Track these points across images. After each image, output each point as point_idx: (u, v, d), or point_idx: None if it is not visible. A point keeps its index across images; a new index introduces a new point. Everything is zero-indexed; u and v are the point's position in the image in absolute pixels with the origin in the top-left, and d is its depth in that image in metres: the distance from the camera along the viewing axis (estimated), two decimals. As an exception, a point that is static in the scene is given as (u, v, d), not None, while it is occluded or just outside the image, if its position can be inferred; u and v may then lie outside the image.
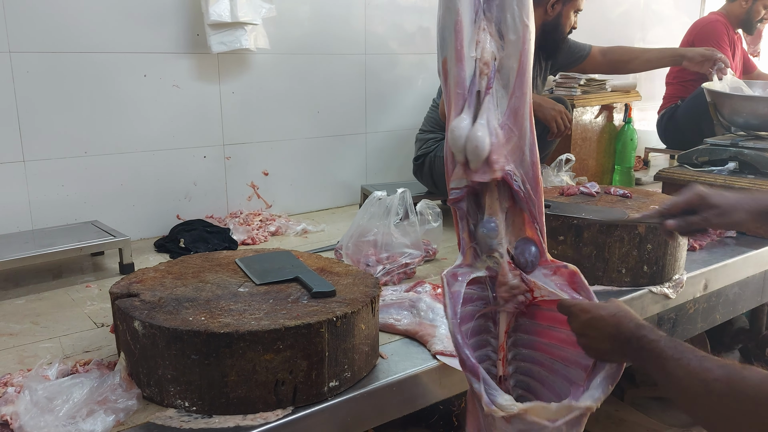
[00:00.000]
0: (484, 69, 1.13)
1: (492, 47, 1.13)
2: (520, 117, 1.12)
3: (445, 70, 1.16)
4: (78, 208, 2.21)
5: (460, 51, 1.11)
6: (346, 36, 2.78)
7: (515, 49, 1.11)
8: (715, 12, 3.81)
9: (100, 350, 1.45)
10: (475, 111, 1.13)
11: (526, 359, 1.21)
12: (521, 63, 1.11)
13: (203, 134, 2.46)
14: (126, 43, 2.22)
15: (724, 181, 2.41)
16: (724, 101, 2.56)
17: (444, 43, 1.15)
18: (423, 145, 2.59)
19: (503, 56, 1.13)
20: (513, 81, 1.12)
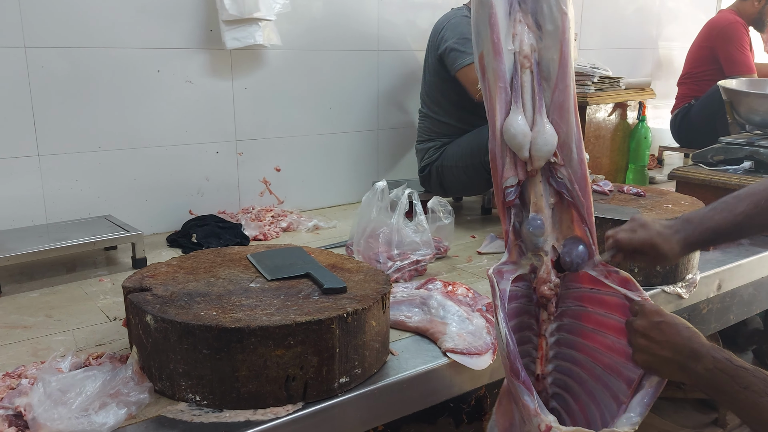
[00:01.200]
0: (524, 62, 1.09)
1: (530, 39, 1.09)
2: (565, 111, 1.08)
3: (482, 65, 1.12)
4: (91, 203, 2.23)
5: (497, 44, 1.07)
6: (359, 32, 2.77)
7: (554, 39, 1.07)
8: (726, 10, 3.77)
9: (112, 344, 1.46)
10: (523, 106, 1.10)
11: (567, 359, 1.18)
12: (562, 54, 1.06)
13: (216, 130, 2.47)
14: (140, 39, 2.23)
15: (739, 180, 2.38)
16: (741, 99, 2.53)
17: (479, 38, 1.12)
18: (425, 156, 2.59)
19: (542, 48, 1.08)
20: (555, 73, 1.07)
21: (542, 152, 1.09)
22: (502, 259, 1.19)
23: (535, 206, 1.14)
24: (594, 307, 1.15)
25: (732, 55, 3.58)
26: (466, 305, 1.52)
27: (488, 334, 1.42)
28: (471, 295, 1.61)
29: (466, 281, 1.83)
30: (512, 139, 1.09)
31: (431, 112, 2.55)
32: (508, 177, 1.13)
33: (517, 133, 1.08)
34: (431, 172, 2.55)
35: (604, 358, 1.13)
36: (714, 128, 3.16)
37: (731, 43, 3.57)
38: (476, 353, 1.36)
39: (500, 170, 1.14)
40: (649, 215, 1.85)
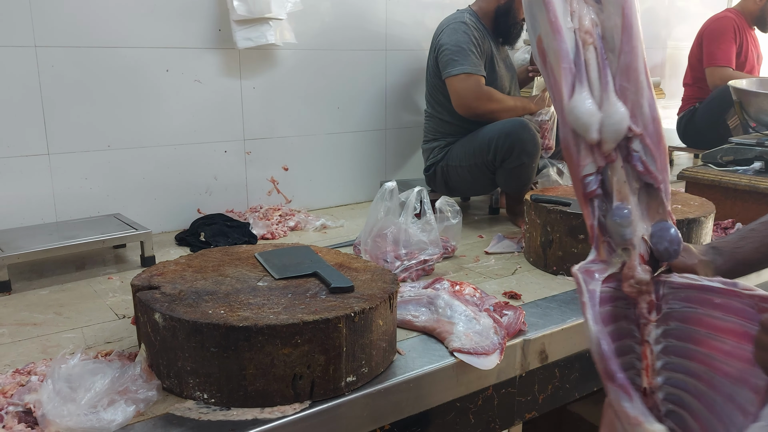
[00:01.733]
0: (587, 39, 1.02)
1: (590, 13, 1.02)
2: (633, 72, 1.01)
3: (541, 49, 1.05)
4: (101, 201, 2.24)
5: (555, 22, 1.00)
6: (368, 31, 2.77)
7: (616, 4, 1.01)
8: (729, 8, 3.75)
9: (121, 341, 1.47)
10: (588, 85, 1.02)
11: (678, 370, 1.04)
12: (625, 17, 1.00)
13: (224, 129, 2.48)
14: (149, 39, 2.25)
15: (749, 181, 2.37)
16: (751, 100, 2.52)
17: (534, 21, 1.05)
18: (430, 155, 2.59)
19: (603, 18, 1.02)
20: (619, 39, 1.01)
21: (612, 133, 1.00)
22: (588, 257, 1.06)
23: (619, 194, 1.03)
24: (706, 308, 1.01)
25: (711, 48, 3.56)
26: (473, 305, 1.52)
27: (495, 334, 1.42)
28: (478, 294, 1.61)
29: (474, 281, 1.83)
30: (577, 121, 1.01)
31: (435, 113, 2.56)
32: (586, 164, 1.02)
33: (582, 114, 1.00)
34: (436, 172, 2.55)
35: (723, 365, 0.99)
36: (718, 131, 3.15)
37: (711, 36, 3.55)
38: (483, 353, 1.36)
39: (575, 159, 1.03)
40: (657, 216, 1.84)
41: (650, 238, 1.02)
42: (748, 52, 3.63)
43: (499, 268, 1.98)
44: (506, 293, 1.75)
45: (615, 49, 1.01)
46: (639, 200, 1.04)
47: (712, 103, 3.33)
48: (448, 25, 2.45)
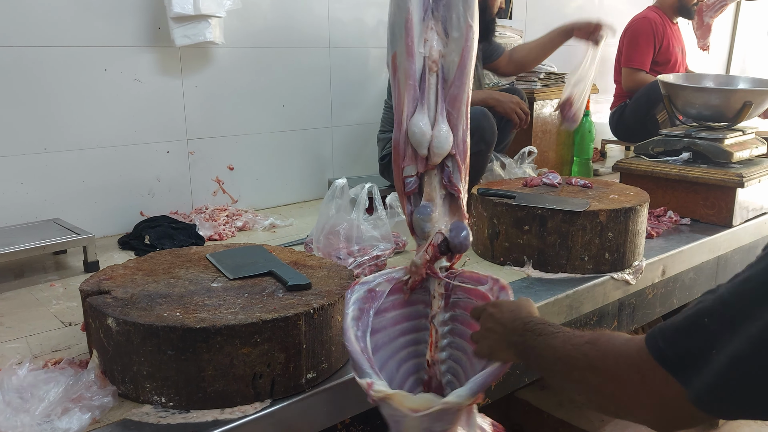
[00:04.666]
0: (432, 66, 1.22)
1: (439, 45, 1.22)
2: (458, 102, 1.23)
3: (394, 64, 1.23)
4: (38, 206, 2.16)
5: (411, 47, 1.20)
6: (310, 29, 2.77)
7: (458, 45, 1.21)
8: (649, 7, 3.89)
9: (69, 349, 1.42)
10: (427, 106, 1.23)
11: (458, 348, 1.25)
12: (463, 58, 1.21)
13: (166, 129, 2.43)
14: (85, 37, 2.17)
15: (678, 171, 2.50)
16: (678, 93, 2.65)
17: (394, 38, 1.22)
18: (386, 145, 2.62)
19: (446, 52, 1.22)
20: (454, 73, 1.22)
21: (439, 150, 1.22)
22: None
23: (427, 196, 1.25)
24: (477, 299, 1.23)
25: (627, 48, 3.72)
26: (427, 297, 1.55)
27: (449, 324, 1.45)
28: (431, 287, 1.64)
29: (425, 274, 1.86)
30: (413, 137, 1.21)
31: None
32: (408, 166, 1.24)
33: (418, 132, 1.20)
34: (390, 161, 2.58)
35: None
36: (647, 126, 3.31)
37: (627, 37, 3.72)
38: (439, 344, 1.39)
39: (401, 161, 1.25)
40: (596, 205, 1.93)
41: (448, 232, 1.24)
42: (672, 48, 3.79)
43: (448, 261, 2.02)
44: (457, 285, 1.79)
45: (448, 81, 1.23)
46: (443, 203, 1.27)
47: (641, 100, 3.49)
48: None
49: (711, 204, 2.46)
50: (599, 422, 2.61)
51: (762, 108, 2.56)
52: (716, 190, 2.43)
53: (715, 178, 2.42)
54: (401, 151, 1.24)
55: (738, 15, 5.34)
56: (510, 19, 3.63)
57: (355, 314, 1.18)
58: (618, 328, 2.03)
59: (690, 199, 2.51)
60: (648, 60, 3.67)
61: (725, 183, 2.40)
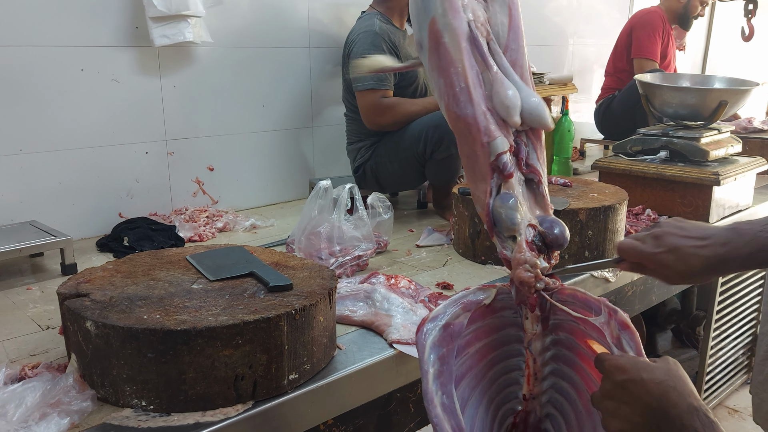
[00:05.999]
0: (482, 29, 1.03)
1: (479, 10, 1.05)
2: (520, 68, 1.06)
3: (434, 31, 1.03)
4: (14, 209, 2.12)
5: (455, 2, 1.01)
6: (290, 29, 2.76)
7: (503, 4, 1.05)
8: (654, 5, 3.96)
9: (47, 353, 1.40)
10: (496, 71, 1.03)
11: (564, 378, 1.03)
12: (512, 17, 1.05)
13: (145, 129, 2.40)
14: (61, 37, 2.14)
15: (656, 169, 2.53)
16: (655, 92, 2.69)
17: (427, 3, 1.04)
18: (357, 156, 2.61)
19: (490, 15, 1.05)
20: (506, 35, 1.05)
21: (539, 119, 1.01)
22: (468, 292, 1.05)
23: (505, 182, 1.03)
24: (585, 325, 0.99)
25: (641, 39, 3.74)
26: (409, 297, 1.56)
27: (432, 324, 1.45)
28: (413, 287, 1.65)
29: (407, 274, 1.87)
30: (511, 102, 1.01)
31: (356, 115, 2.56)
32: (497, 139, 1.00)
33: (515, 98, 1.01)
34: (366, 171, 2.58)
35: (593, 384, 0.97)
36: (634, 120, 3.34)
37: (644, 28, 3.75)
38: (421, 343, 1.39)
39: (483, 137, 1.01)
40: (576, 204, 1.94)
41: (541, 225, 1.01)
42: (669, 48, 3.85)
43: (430, 261, 2.03)
44: (439, 284, 1.80)
45: (500, 44, 1.04)
46: (525, 191, 1.05)
47: (630, 91, 3.51)
48: (359, 35, 2.46)
49: (688, 202, 2.50)
50: None
51: (737, 107, 2.61)
52: (693, 189, 2.47)
53: (692, 176, 2.45)
54: (482, 126, 1.00)
55: (713, 15, 5.42)
56: (490, 19, 3.65)
57: (436, 370, 0.93)
58: (598, 325, 2.04)
59: (667, 197, 2.54)
60: (659, 51, 3.73)
61: (702, 181, 2.43)
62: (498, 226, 1.02)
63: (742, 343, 3.05)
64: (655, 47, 3.72)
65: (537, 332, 1.01)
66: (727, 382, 3.00)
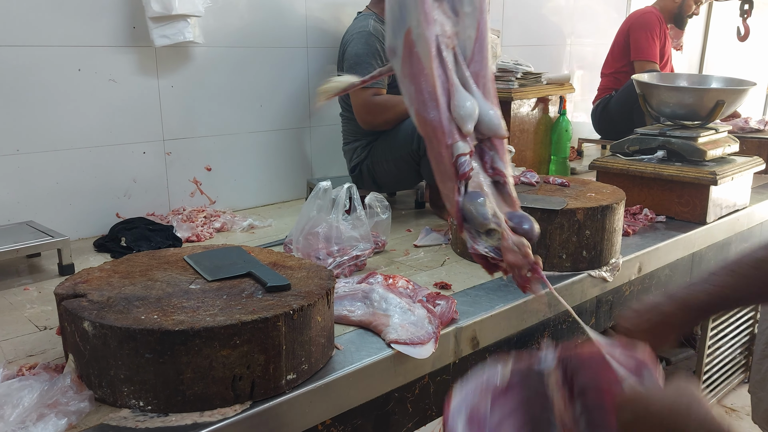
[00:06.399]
0: (448, 42, 1.09)
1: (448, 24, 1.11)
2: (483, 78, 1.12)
3: (409, 41, 1.09)
4: (11, 209, 2.11)
5: (429, 14, 1.06)
6: (288, 29, 2.76)
7: (473, 19, 1.10)
8: (650, 6, 3.97)
9: (44, 353, 1.40)
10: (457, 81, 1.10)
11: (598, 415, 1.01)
12: (479, 32, 1.11)
13: (142, 130, 2.40)
14: (59, 37, 2.14)
15: (653, 169, 2.53)
16: (652, 92, 2.69)
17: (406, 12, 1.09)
18: (353, 156, 2.62)
19: (459, 29, 1.11)
20: (472, 48, 1.11)
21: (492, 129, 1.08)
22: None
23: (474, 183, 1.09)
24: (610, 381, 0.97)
25: (639, 40, 3.74)
26: (407, 297, 1.56)
27: (429, 323, 1.46)
28: (411, 287, 1.65)
29: (405, 274, 1.87)
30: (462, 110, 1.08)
31: (352, 115, 2.56)
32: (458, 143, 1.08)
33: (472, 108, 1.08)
34: (362, 171, 2.58)
35: None
36: (631, 119, 3.34)
37: (641, 29, 3.75)
38: (419, 343, 1.40)
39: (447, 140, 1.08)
40: (574, 203, 1.95)
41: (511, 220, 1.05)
42: (666, 49, 3.86)
43: (428, 260, 2.03)
44: (437, 284, 1.80)
45: (466, 56, 1.11)
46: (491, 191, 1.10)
47: (627, 92, 3.52)
48: (353, 35, 2.47)
49: (685, 201, 2.50)
50: (578, 418, 2.63)
51: (734, 107, 2.61)
52: (690, 188, 2.47)
53: (689, 176, 2.45)
54: (446, 129, 1.07)
55: (710, 15, 5.44)
56: (487, 19, 3.65)
57: None
58: (596, 324, 2.05)
59: (665, 196, 2.55)
60: (657, 52, 3.73)
61: (699, 181, 2.44)
62: (469, 222, 1.06)
63: (740, 343, 3.05)
64: (653, 48, 3.73)
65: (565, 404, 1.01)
66: (724, 381, 3.01)
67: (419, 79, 1.09)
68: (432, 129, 1.10)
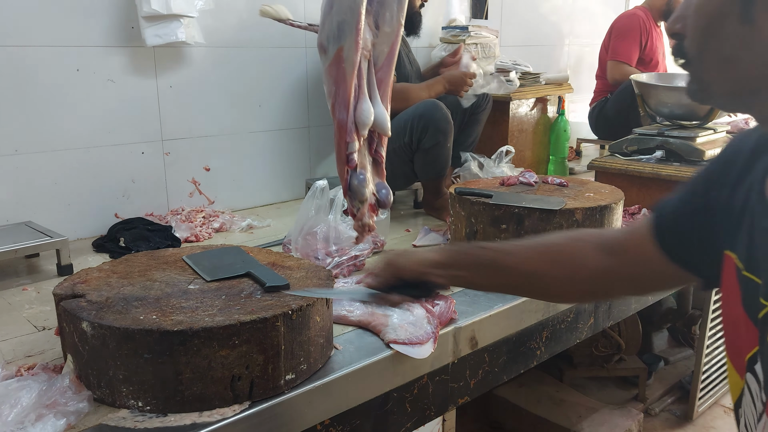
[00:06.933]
0: (366, 54, 1.41)
1: (370, 36, 1.42)
2: (384, 85, 1.48)
3: (339, 56, 1.41)
4: (9, 209, 2.11)
5: (359, 44, 1.38)
6: (286, 28, 2.75)
7: (389, 39, 1.43)
8: (638, 6, 3.96)
9: (43, 354, 1.40)
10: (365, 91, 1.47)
11: None
12: (391, 49, 1.45)
13: (141, 130, 2.40)
14: (56, 37, 2.14)
15: (652, 169, 2.54)
16: (650, 92, 2.70)
17: (342, 33, 1.39)
18: None
19: (377, 42, 1.44)
20: (383, 61, 1.45)
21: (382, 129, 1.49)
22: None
23: (361, 165, 1.51)
24: None
25: (616, 42, 3.76)
26: (405, 297, 1.55)
27: (428, 323, 1.46)
28: (409, 287, 1.64)
29: (403, 274, 1.86)
30: (365, 119, 1.44)
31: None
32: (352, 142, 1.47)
33: (369, 116, 1.43)
34: None
35: None
36: (627, 122, 3.35)
37: (618, 32, 3.76)
38: (418, 343, 1.40)
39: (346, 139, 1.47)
40: (572, 203, 1.95)
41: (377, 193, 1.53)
42: (655, 48, 3.85)
43: (427, 261, 2.03)
44: (436, 284, 1.80)
45: (377, 66, 1.48)
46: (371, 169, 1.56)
47: (623, 94, 3.52)
48: None
49: (684, 201, 2.50)
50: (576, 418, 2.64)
51: (732, 107, 2.61)
52: (689, 188, 2.47)
53: (688, 176, 2.45)
54: (348, 130, 1.46)
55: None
56: (486, 19, 3.66)
57: None
58: (594, 324, 2.05)
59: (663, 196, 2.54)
60: (634, 55, 3.73)
61: (697, 181, 2.43)
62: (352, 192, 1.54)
63: (738, 342, 3.05)
64: (628, 50, 3.71)
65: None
66: (722, 381, 3.01)
67: (341, 85, 1.44)
68: (339, 125, 1.47)
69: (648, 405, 2.94)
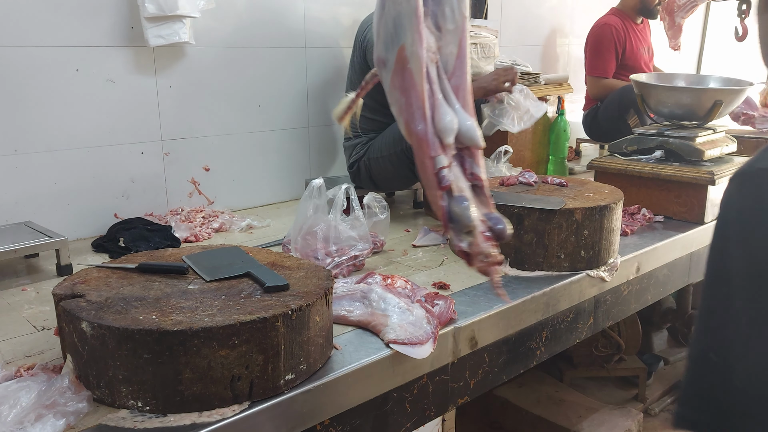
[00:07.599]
0: (433, 57, 1.20)
1: (431, 39, 1.21)
2: (462, 91, 1.23)
3: (402, 57, 1.19)
4: (9, 209, 2.11)
5: (422, 34, 1.17)
6: (286, 28, 2.76)
7: (455, 36, 1.21)
8: (611, 9, 3.88)
9: (42, 354, 1.40)
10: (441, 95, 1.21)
11: None
12: (460, 48, 1.22)
13: (140, 130, 2.40)
14: (56, 37, 2.14)
15: (651, 169, 2.54)
16: (650, 92, 2.69)
17: (401, 29, 1.19)
18: (353, 153, 2.62)
19: (442, 44, 1.22)
20: (453, 63, 1.22)
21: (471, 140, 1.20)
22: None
23: (457, 188, 1.20)
24: None
25: (590, 56, 3.77)
26: (405, 297, 1.56)
27: (428, 323, 1.46)
28: (410, 286, 1.65)
29: (404, 274, 1.87)
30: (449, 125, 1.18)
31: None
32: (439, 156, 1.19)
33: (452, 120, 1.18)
34: (360, 168, 2.59)
35: None
36: (618, 129, 3.35)
37: (592, 47, 3.75)
38: (418, 343, 1.40)
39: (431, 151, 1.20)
40: (572, 203, 1.95)
41: (489, 220, 1.18)
42: (636, 50, 3.79)
43: (427, 260, 2.03)
44: (435, 284, 1.80)
45: (447, 72, 1.23)
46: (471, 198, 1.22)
47: (612, 105, 3.54)
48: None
49: (683, 201, 2.50)
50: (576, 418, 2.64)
51: (732, 107, 2.61)
52: (688, 188, 2.48)
53: (687, 176, 2.46)
54: (431, 143, 1.18)
55: (708, 15, 5.44)
56: (485, 19, 3.66)
57: None
58: (594, 324, 2.05)
59: (663, 196, 2.55)
60: (610, 66, 3.71)
61: (697, 181, 2.44)
62: (454, 223, 1.18)
63: (738, 342, 3.05)
64: (603, 63, 3.69)
65: None
66: (722, 380, 3.01)
67: (410, 92, 1.20)
68: (418, 140, 1.20)
69: (648, 405, 2.94)
